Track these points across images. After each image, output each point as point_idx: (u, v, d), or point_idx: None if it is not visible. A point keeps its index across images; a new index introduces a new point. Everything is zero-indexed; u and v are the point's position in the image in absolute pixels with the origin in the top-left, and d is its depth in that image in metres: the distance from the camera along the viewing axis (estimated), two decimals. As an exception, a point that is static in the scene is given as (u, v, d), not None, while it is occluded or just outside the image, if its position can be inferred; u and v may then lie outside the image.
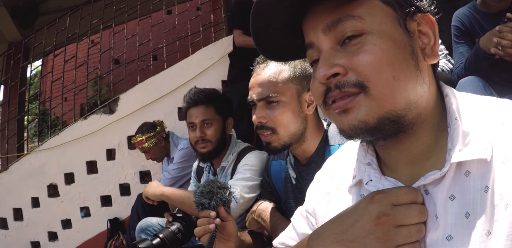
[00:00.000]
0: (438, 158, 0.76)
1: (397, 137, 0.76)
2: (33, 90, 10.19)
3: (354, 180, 0.89)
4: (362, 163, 0.88)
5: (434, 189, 0.74)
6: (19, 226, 4.54)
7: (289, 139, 1.59)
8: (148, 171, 4.46)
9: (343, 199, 0.93)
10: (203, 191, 1.46)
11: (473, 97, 0.80)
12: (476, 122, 0.73)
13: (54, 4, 6.67)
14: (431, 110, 0.78)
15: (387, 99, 0.72)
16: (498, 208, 0.66)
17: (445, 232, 0.71)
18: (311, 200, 1.09)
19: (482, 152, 0.69)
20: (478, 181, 0.69)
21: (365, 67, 0.72)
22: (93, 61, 6.67)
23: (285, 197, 1.83)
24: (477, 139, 0.71)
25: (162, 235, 1.85)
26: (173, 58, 5.12)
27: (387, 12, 0.75)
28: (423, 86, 0.75)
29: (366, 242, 0.74)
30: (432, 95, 0.78)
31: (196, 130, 2.34)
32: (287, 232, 1.20)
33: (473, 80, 2.04)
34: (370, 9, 0.74)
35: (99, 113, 4.52)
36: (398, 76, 0.71)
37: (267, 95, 1.59)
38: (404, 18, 0.75)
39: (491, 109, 0.75)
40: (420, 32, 0.77)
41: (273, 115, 1.58)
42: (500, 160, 0.68)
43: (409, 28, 0.75)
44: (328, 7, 0.76)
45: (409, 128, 0.76)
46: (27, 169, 4.52)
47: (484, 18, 2.29)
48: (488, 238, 0.66)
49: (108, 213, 4.43)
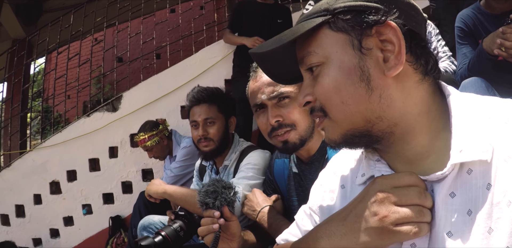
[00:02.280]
0: (437, 157, 0.77)
1: (382, 144, 0.82)
2: (36, 87, 10.19)
3: (363, 178, 0.91)
4: (371, 159, 0.89)
5: (434, 186, 0.75)
6: (21, 222, 4.55)
7: (305, 133, 1.59)
8: (150, 169, 4.47)
9: (349, 197, 0.94)
10: (207, 191, 1.45)
11: (476, 97, 0.81)
12: (479, 122, 0.74)
13: (58, 1, 6.67)
14: (416, 115, 0.79)
15: (343, 121, 0.82)
16: (501, 205, 0.67)
17: (445, 229, 0.72)
18: (315, 197, 1.10)
19: (482, 153, 0.70)
20: (480, 179, 0.70)
21: (320, 96, 0.83)
22: (96, 59, 6.67)
23: (288, 195, 1.82)
24: (478, 140, 0.71)
25: (164, 233, 1.86)
26: (176, 56, 5.12)
27: (338, 39, 0.80)
28: (383, 100, 0.78)
29: (367, 220, 0.76)
30: (415, 101, 0.79)
31: (199, 128, 2.33)
32: (291, 229, 1.20)
33: (476, 81, 2.04)
34: (320, 42, 0.81)
35: (102, 111, 4.53)
36: (346, 101, 0.79)
37: (280, 93, 1.58)
38: (359, 38, 0.78)
39: (493, 108, 0.75)
40: (384, 41, 0.78)
41: (287, 112, 1.57)
42: (503, 158, 0.69)
43: (366, 45, 0.78)
44: (299, 46, 0.87)
45: (388, 136, 0.80)
46: (30, 166, 4.53)
47: (487, 19, 2.28)
48: (490, 235, 0.66)
49: (110, 210, 4.43)
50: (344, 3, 0.79)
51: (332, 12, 0.80)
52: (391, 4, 0.77)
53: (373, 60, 0.78)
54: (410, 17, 0.79)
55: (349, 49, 0.79)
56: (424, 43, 0.81)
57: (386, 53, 0.78)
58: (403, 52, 0.76)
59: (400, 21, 0.77)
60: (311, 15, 0.83)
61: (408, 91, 0.79)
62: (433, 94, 0.82)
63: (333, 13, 0.79)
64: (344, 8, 0.78)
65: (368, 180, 0.90)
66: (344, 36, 0.79)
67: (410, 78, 0.79)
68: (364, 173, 0.91)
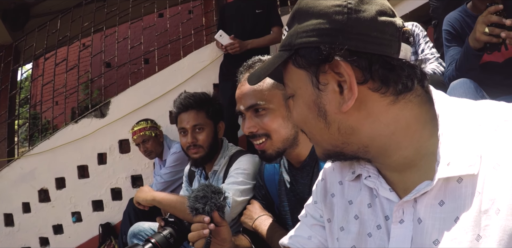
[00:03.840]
0: (426, 163, 0.78)
1: (362, 158, 0.87)
2: (23, 93, 10.10)
3: (353, 175, 0.94)
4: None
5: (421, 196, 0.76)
6: (10, 231, 4.50)
7: (282, 145, 1.58)
8: (139, 175, 4.45)
9: (344, 192, 0.97)
10: (197, 196, 1.44)
11: (466, 102, 0.80)
12: (467, 130, 0.74)
13: (45, 6, 6.61)
14: (390, 135, 0.80)
15: (318, 144, 0.91)
16: (489, 213, 0.66)
17: (432, 237, 0.72)
18: (317, 193, 1.10)
19: (469, 168, 0.70)
20: (470, 187, 0.70)
21: (296, 123, 0.94)
22: (84, 64, 6.64)
23: (279, 200, 1.82)
24: (466, 152, 0.71)
25: (154, 240, 1.84)
26: (164, 61, 5.12)
27: (300, 76, 0.84)
28: (343, 131, 0.82)
29: None
30: (386, 123, 0.80)
31: (188, 135, 2.31)
32: (296, 228, 1.19)
33: (464, 83, 2.04)
34: (290, 76, 0.88)
35: (90, 117, 4.50)
36: (312, 131, 0.88)
37: (255, 104, 1.58)
38: (315, 75, 0.80)
39: (484, 115, 0.75)
40: (340, 73, 0.78)
41: (263, 123, 1.58)
42: (491, 165, 0.69)
43: (323, 81, 0.80)
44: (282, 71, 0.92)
45: (364, 153, 0.84)
46: (18, 174, 4.50)
47: (474, 21, 2.29)
48: (478, 242, 0.66)
49: (99, 218, 4.41)
50: (301, 39, 0.80)
51: (293, 48, 0.82)
52: (340, 37, 0.76)
53: (330, 96, 0.80)
54: (368, 42, 0.76)
55: (309, 86, 0.83)
56: (391, 64, 0.77)
57: (343, 85, 0.78)
58: (354, 86, 0.76)
59: (350, 53, 0.75)
60: (283, 46, 0.87)
61: (375, 116, 0.79)
62: (418, 105, 0.80)
63: (294, 50, 0.82)
64: (301, 45, 0.80)
65: (357, 178, 0.94)
66: (304, 72, 0.83)
67: (376, 103, 0.79)
68: (354, 171, 0.94)
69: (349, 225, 0.92)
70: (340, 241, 0.94)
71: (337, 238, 0.96)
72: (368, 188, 0.89)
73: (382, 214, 0.84)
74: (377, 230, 0.85)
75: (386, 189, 0.83)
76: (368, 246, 0.87)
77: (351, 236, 0.91)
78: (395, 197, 0.82)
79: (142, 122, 3.80)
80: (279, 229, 1.70)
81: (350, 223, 0.92)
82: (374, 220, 0.86)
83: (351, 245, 0.91)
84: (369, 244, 0.86)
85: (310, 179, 1.57)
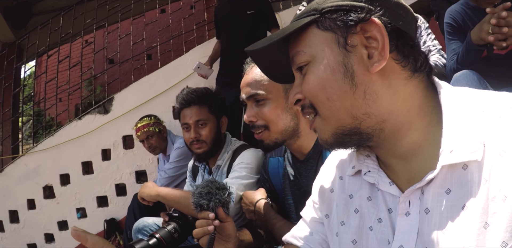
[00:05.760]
0: (432, 151, 0.78)
1: (373, 141, 0.83)
2: (27, 91, 10.13)
3: (353, 170, 0.94)
4: (361, 154, 0.92)
5: (427, 185, 0.76)
6: (16, 228, 4.53)
7: (280, 136, 1.60)
8: (144, 171, 4.46)
9: (345, 187, 0.97)
10: (201, 192, 1.44)
11: (470, 90, 0.81)
12: (471, 117, 0.74)
13: (47, 4, 6.62)
14: (406, 112, 0.80)
15: (331, 118, 0.83)
16: (496, 200, 0.66)
17: (439, 226, 0.72)
18: (317, 190, 1.11)
19: (472, 154, 0.70)
20: (476, 174, 0.70)
21: (307, 93, 0.86)
22: (87, 61, 6.65)
23: (283, 193, 1.82)
24: (469, 139, 0.71)
25: (158, 235, 1.84)
26: (167, 57, 5.12)
27: (325, 38, 0.82)
28: (368, 96, 0.80)
29: None
30: (404, 97, 0.80)
31: (191, 130, 2.31)
32: (298, 225, 1.20)
33: (468, 74, 2.04)
34: (308, 41, 0.84)
35: (93, 113, 4.51)
36: (331, 97, 0.81)
37: (254, 93, 1.61)
38: (344, 36, 0.80)
39: (488, 102, 0.75)
40: (369, 38, 0.79)
41: (261, 113, 1.60)
42: (497, 152, 0.69)
43: (351, 43, 0.80)
44: (291, 46, 0.90)
45: (378, 133, 0.82)
46: (23, 171, 4.52)
47: (476, 14, 2.28)
48: (486, 229, 0.66)
49: (104, 213, 4.42)
50: (332, 3, 0.81)
51: (320, 11, 0.82)
52: (377, 3, 0.79)
53: (358, 57, 0.80)
54: (397, 16, 0.80)
55: (335, 47, 0.81)
56: (412, 42, 0.82)
57: (371, 50, 0.79)
58: (386, 48, 0.77)
59: (385, 19, 0.78)
60: (302, 15, 0.86)
61: (395, 88, 0.80)
62: (425, 89, 0.82)
63: (321, 12, 0.82)
64: (332, 7, 0.81)
65: (357, 173, 0.94)
66: (331, 34, 0.81)
67: (397, 75, 0.80)
68: (354, 166, 0.94)
69: (350, 219, 0.93)
70: (340, 235, 0.95)
71: (336, 233, 0.96)
72: (368, 182, 0.90)
73: (385, 207, 0.84)
74: (378, 223, 0.85)
75: (386, 183, 0.84)
76: (369, 239, 0.87)
77: (352, 230, 0.91)
78: (396, 190, 0.82)
79: (145, 118, 3.80)
80: (280, 220, 1.71)
81: (350, 217, 0.93)
82: (375, 214, 0.86)
83: (352, 239, 0.91)
84: (371, 237, 0.87)
85: (314, 172, 1.56)
